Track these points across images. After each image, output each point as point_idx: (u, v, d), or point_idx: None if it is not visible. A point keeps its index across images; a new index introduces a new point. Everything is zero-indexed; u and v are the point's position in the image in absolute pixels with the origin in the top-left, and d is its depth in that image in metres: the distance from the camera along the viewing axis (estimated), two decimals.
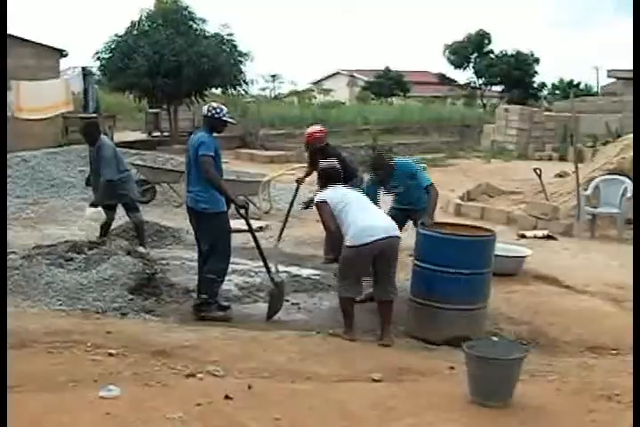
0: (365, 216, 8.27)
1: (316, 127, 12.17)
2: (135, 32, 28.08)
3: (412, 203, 9.90)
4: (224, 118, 9.08)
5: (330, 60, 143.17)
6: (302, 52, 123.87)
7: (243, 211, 9.13)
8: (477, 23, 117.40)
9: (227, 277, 10.30)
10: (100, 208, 11.73)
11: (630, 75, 27.49)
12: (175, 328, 8.24)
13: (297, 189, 12.03)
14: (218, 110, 9.04)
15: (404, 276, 9.45)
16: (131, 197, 11.87)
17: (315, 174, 11.63)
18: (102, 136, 11.78)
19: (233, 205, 9.11)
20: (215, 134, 9.04)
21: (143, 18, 28.42)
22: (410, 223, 9.98)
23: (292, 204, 11.95)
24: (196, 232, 9.35)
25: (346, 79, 65.05)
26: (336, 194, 8.45)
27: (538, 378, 7.18)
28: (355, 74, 65.55)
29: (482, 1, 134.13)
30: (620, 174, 15.55)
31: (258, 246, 9.28)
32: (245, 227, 9.32)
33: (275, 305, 9.13)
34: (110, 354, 7.01)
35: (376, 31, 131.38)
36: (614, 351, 8.41)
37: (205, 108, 9.19)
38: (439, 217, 11.28)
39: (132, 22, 28.37)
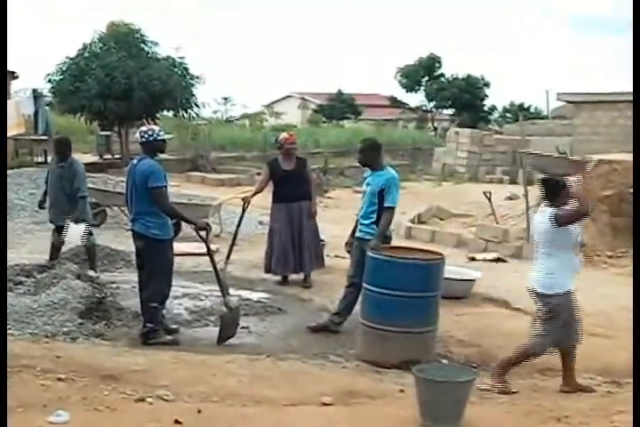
0: None
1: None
2: (87, 54, 27.96)
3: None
4: (161, 137, 8.98)
5: (281, 83, 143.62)
6: (254, 75, 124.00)
7: (203, 233, 9.11)
8: (428, 47, 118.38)
9: (177, 301, 10.31)
10: (84, 224, 11.59)
11: (579, 98, 27.90)
12: (125, 352, 8.16)
13: (243, 210, 11.45)
14: (152, 132, 8.93)
15: None
16: (86, 220, 11.75)
17: (263, 195, 11.62)
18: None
19: (194, 228, 9.10)
20: (162, 156, 8.93)
21: (95, 40, 28.32)
22: None
23: (238, 225, 11.16)
24: (139, 257, 9.15)
25: (297, 102, 65.21)
26: None
27: (488, 400, 7.22)
28: (306, 97, 65.76)
29: (433, 25, 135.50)
30: None
31: (215, 269, 9.24)
32: (195, 250, 9.27)
33: (227, 330, 9.07)
34: (59, 379, 6.93)
35: (328, 54, 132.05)
36: None
37: (139, 135, 8.99)
38: None
39: (83, 44, 28.24)
